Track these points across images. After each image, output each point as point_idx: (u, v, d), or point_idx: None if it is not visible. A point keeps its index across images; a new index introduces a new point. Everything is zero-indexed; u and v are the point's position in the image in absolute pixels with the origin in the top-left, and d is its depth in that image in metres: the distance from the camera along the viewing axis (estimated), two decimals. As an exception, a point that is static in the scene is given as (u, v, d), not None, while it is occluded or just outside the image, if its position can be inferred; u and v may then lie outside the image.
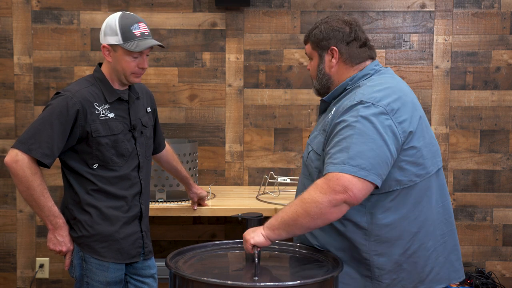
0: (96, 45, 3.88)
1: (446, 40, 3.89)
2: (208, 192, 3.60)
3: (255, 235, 2.14)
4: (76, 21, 3.88)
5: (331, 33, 2.28)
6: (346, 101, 2.16)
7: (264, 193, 3.60)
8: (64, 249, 2.55)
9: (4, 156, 3.90)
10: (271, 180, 3.57)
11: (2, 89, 3.91)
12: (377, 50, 3.89)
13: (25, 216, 3.95)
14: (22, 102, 3.91)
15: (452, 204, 3.82)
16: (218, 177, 3.96)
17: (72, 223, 2.59)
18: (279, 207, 3.26)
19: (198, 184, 3.62)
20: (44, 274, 3.97)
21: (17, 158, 2.44)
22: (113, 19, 2.53)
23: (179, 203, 3.31)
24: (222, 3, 3.82)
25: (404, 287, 2.19)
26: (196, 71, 3.91)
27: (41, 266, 3.96)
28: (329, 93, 2.30)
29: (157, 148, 2.92)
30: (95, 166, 2.55)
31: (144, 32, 2.52)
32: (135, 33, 2.50)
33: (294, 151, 3.95)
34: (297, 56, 3.91)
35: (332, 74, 2.30)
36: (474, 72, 3.91)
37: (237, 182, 3.97)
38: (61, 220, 2.53)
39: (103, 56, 3.86)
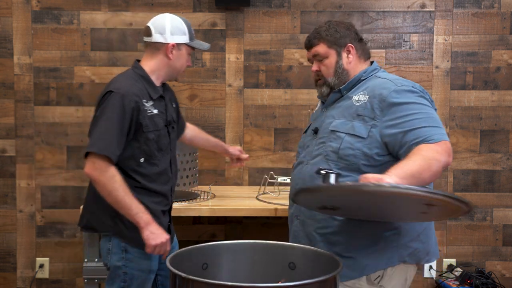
0: (96, 45, 3.88)
1: (446, 40, 3.89)
2: (208, 192, 3.60)
3: (386, 177, 2.03)
4: (76, 21, 3.88)
5: (346, 31, 2.52)
6: (382, 89, 2.36)
7: (264, 193, 3.60)
8: (165, 238, 2.55)
9: (4, 156, 3.93)
10: (271, 180, 3.57)
11: (2, 89, 3.91)
12: (377, 50, 3.91)
13: (25, 216, 3.95)
14: (22, 102, 3.91)
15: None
16: (218, 177, 3.96)
17: (113, 215, 2.61)
18: (279, 207, 3.26)
19: (198, 184, 3.62)
20: (44, 274, 3.97)
21: (95, 166, 2.48)
22: (177, 20, 2.68)
23: (180, 203, 3.31)
24: (222, 3, 3.82)
25: (419, 258, 2.41)
26: (196, 71, 3.91)
27: (41, 266, 3.96)
28: (343, 86, 2.49)
29: (181, 130, 3.03)
30: (142, 160, 2.60)
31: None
32: (193, 33, 2.74)
33: (294, 151, 3.94)
34: (297, 56, 3.91)
35: (349, 69, 2.51)
36: (474, 72, 3.91)
37: (237, 182, 3.97)
38: (148, 215, 2.55)
39: (103, 56, 3.85)
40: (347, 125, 2.39)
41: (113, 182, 2.49)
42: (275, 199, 3.45)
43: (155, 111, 2.63)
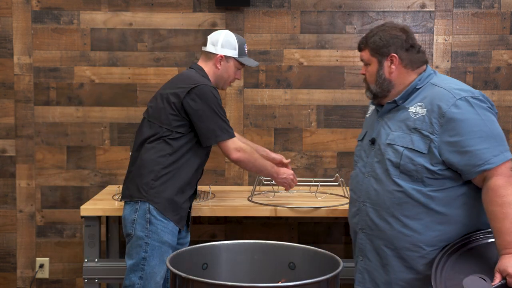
0: (96, 45, 3.88)
1: (446, 40, 3.89)
2: (208, 192, 3.60)
3: (511, 266, 2.18)
4: (76, 21, 3.88)
5: (390, 40, 2.44)
6: (440, 102, 2.33)
7: (257, 193, 3.59)
8: (291, 176, 3.20)
9: (4, 156, 3.93)
10: (266, 182, 3.56)
11: (2, 89, 3.91)
12: (377, 50, 3.90)
13: (25, 216, 3.95)
14: (22, 102, 3.91)
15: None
16: (218, 177, 3.95)
17: (151, 185, 2.88)
18: (279, 207, 3.25)
19: (198, 184, 3.61)
20: (44, 274, 3.97)
21: (236, 149, 2.95)
22: (230, 35, 3.05)
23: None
24: (222, 3, 3.82)
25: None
26: (196, 71, 3.91)
27: (41, 266, 3.96)
28: (398, 96, 2.45)
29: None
30: (198, 146, 2.97)
31: (247, 52, 3.27)
32: (245, 51, 3.10)
33: (294, 151, 3.95)
34: (297, 56, 3.91)
35: (393, 79, 2.46)
36: (474, 72, 3.91)
37: (237, 182, 3.97)
38: (275, 167, 3.17)
39: (103, 56, 3.86)
40: (405, 138, 2.38)
41: (253, 153, 3.01)
42: (268, 200, 3.44)
43: None
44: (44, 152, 3.93)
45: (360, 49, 2.52)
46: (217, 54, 3.04)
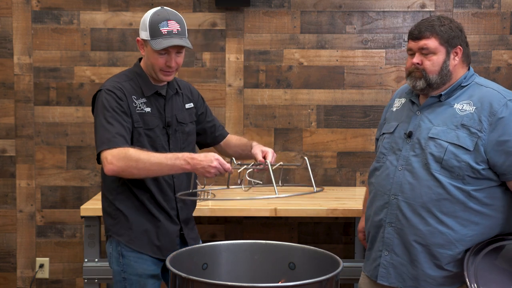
0: (96, 45, 3.88)
1: (446, 40, 3.89)
2: (208, 192, 3.59)
3: None
4: (76, 21, 3.88)
5: (459, 32, 2.43)
6: (491, 101, 2.36)
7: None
8: (214, 160, 2.36)
9: (4, 156, 3.93)
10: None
11: (2, 89, 3.91)
12: (377, 50, 3.91)
13: (25, 216, 3.95)
14: (22, 102, 3.91)
15: None
16: (218, 177, 3.95)
17: (111, 214, 2.56)
18: (279, 207, 3.25)
19: (198, 184, 3.61)
20: (44, 274, 3.97)
21: (108, 161, 2.37)
22: (148, 14, 2.51)
23: (179, 203, 3.31)
24: (222, 3, 3.82)
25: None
26: (196, 71, 3.91)
27: (41, 266, 3.96)
28: (445, 89, 2.44)
29: (214, 140, 2.85)
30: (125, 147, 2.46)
31: (172, 30, 2.46)
32: (162, 30, 2.45)
33: (294, 151, 3.95)
34: (297, 56, 3.91)
35: (453, 71, 2.43)
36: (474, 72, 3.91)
37: (237, 182, 3.96)
38: (186, 153, 2.39)
39: (103, 56, 3.87)
40: (450, 134, 2.37)
41: (130, 156, 2.36)
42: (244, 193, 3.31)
43: (147, 109, 2.54)
44: (44, 152, 3.93)
45: (422, 37, 2.40)
46: (137, 39, 2.56)
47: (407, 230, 2.41)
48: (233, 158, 2.48)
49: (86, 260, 3.30)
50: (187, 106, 2.70)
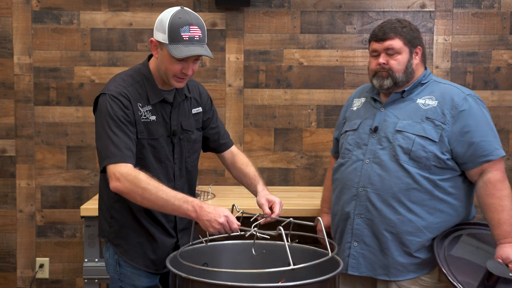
0: (96, 45, 3.88)
1: (446, 40, 3.89)
2: (208, 192, 3.60)
3: None
4: (76, 21, 3.88)
5: (417, 33, 2.63)
6: (452, 95, 2.54)
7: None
8: (222, 216, 2.20)
9: (4, 156, 3.92)
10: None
11: (2, 89, 3.91)
12: (377, 50, 3.90)
13: (25, 216, 3.95)
14: (22, 102, 3.91)
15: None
16: (218, 177, 3.95)
17: (108, 220, 2.46)
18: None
19: (198, 184, 3.61)
20: (44, 274, 3.97)
21: (116, 177, 2.24)
22: (167, 14, 2.32)
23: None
24: (222, 3, 3.82)
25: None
26: (196, 71, 3.90)
27: (41, 266, 3.96)
28: (407, 87, 2.61)
29: (217, 148, 2.71)
30: (137, 169, 2.31)
31: (194, 37, 2.30)
32: (183, 36, 2.27)
33: (294, 151, 3.95)
34: (297, 56, 3.91)
35: (415, 70, 2.61)
36: (474, 72, 3.91)
37: (237, 182, 3.96)
38: (196, 200, 2.24)
39: (103, 56, 3.86)
40: (416, 127, 2.52)
41: (138, 182, 2.22)
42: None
43: (152, 117, 2.39)
44: (44, 152, 3.93)
45: (387, 37, 2.56)
46: (152, 39, 2.37)
47: (377, 220, 2.52)
48: (235, 205, 2.39)
49: (86, 260, 3.30)
50: (195, 111, 2.55)
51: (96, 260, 3.30)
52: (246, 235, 2.23)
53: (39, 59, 3.89)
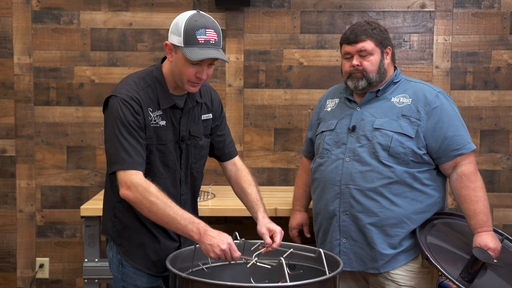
0: (96, 45, 3.88)
1: (446, 40, 3.89)
2: (208, 192, 3.60)
3: (490, 241, 2.54)
4: (76, 21, 3.88)
5: (386, 34, 2.72)
6: (425, 93, 2.65)
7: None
8: (225, 243, 2.18)
9: (4, 156, 3.92)
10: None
11: (2, 89, 3.91)
12: (377, 50, 3.90)
13: (25, 216, 3.95)
14: (22, 102, 3.91)
15: (452, 204, 3.83)
16: (218, 177, 3.96)
17: (112, 219, 2.46)
18: (279, 207, 3.25)
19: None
20: (44, 274, 3.97)
21: (126, 185, 2.24)
22: (183, 17, 2.30)
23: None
24: (222, 3, 3.82)
25: None
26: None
27: (41, 266, 3.96)
28: (381, 86, 2.70)
29: (220, 157, 2.69)
30: (148, 179, 2.30)
31: (209, 40, 2.26)
32: (199, 39, 2.24)
33: (294, 151, 3.95)
34: (297, 56, 3.91)
35: (387, 70, 2.70)
36: (474, 72, 3.91)
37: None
38: (202, 223, 2.23)
39: (103, 56, 3.85)
40: (393, 124, 2.62)
41: (148, 195, 2.21)
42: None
43: (162, 122, 2.37)
44: (44, 152, 3.93)
45: (358, 40, 2.64)
46: (166, 42, 2.35)
47: (362, 215, 2.62)
48: (236, 233, 2.36)
49: (86, 260, 3.30)
50: (204, 117, 2.53)
51: (96, 260, 3.30)
52: (248, 265, 2.25)
53: (39, 59, 3.89)
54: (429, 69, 3.90)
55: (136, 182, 2.23)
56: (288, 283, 2.05)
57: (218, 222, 3.96)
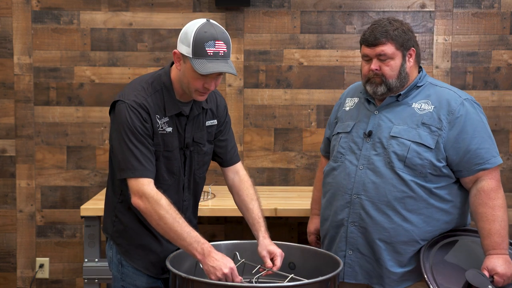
0: (96, 45, 3.88)
1: (446, 40, 3.89)
2: (208, 192, 3.60)
3: (500, 265, 2.33)
4: (76, 21, 3.88)
5: (410, 34, 2.47)
6: (449, 100, 2.43)
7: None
8: (228, 267, 2.17)
9: (4, 156, 3.92)
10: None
11: (2, 89, 3.91)
12: (377, 50, 3.90)
13: (25, 216, 3.95)
14: (22, 102, 3.91)
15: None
16: (218, 177, 3.95)
17: (113, 219, 2.46)
18: (279, 207, 3.25)
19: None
20: (44, 274, 3.97)
21: (138, 194, 2.25)
22: (192, 26, 2.25)
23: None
24: (222, 3, 3.82)
25: None
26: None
27: (41, 266, 3.96)
28: (403, 90, 2.48)
29: (222, 162, 2.64)
30: (160, 191, 2.29)
31: (218, 52, 2.26)
32: (208, 51, 2.22)
33: (294, 151, 3.95)
34: (297, 56, 3.91)
35: (409, 73, 2.48)
36: (474, 72, 3.91)
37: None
38: (206, 244, 2.22)
39: (103, 56, 3.85)
40: (411, 132, 2.42)
41: (158, 208, 2.21)
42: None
43: (169, 129, 2.35)
44: (44, 152, 3.93)
45: (378, 43, 2.42)
46: (175, 50, 2.32)
47: (371, 229, 2.44)
48: (237, 253, 2.36)
49: (86, 260, 3.30)
50: (209, 123, 2.51)
51: (96, 260, 3.30)
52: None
53: (39, 59, 3.89)
54: (429, 69, 3.89)
55: (148, 193, 2.23)
56: (288, 283, 2.05)
57: (218, 222, 3.96)
